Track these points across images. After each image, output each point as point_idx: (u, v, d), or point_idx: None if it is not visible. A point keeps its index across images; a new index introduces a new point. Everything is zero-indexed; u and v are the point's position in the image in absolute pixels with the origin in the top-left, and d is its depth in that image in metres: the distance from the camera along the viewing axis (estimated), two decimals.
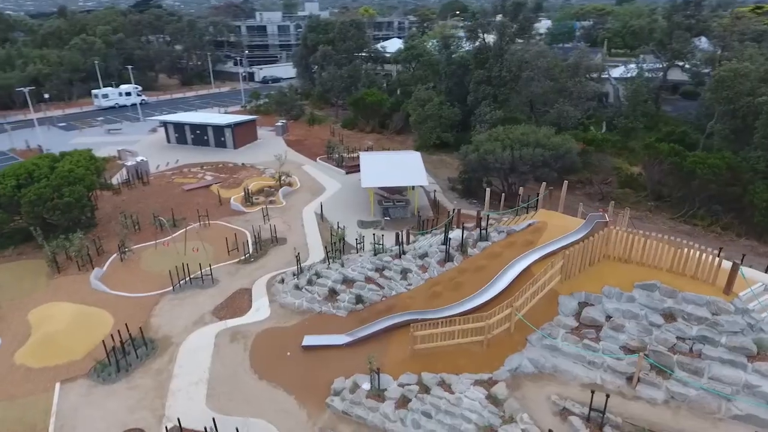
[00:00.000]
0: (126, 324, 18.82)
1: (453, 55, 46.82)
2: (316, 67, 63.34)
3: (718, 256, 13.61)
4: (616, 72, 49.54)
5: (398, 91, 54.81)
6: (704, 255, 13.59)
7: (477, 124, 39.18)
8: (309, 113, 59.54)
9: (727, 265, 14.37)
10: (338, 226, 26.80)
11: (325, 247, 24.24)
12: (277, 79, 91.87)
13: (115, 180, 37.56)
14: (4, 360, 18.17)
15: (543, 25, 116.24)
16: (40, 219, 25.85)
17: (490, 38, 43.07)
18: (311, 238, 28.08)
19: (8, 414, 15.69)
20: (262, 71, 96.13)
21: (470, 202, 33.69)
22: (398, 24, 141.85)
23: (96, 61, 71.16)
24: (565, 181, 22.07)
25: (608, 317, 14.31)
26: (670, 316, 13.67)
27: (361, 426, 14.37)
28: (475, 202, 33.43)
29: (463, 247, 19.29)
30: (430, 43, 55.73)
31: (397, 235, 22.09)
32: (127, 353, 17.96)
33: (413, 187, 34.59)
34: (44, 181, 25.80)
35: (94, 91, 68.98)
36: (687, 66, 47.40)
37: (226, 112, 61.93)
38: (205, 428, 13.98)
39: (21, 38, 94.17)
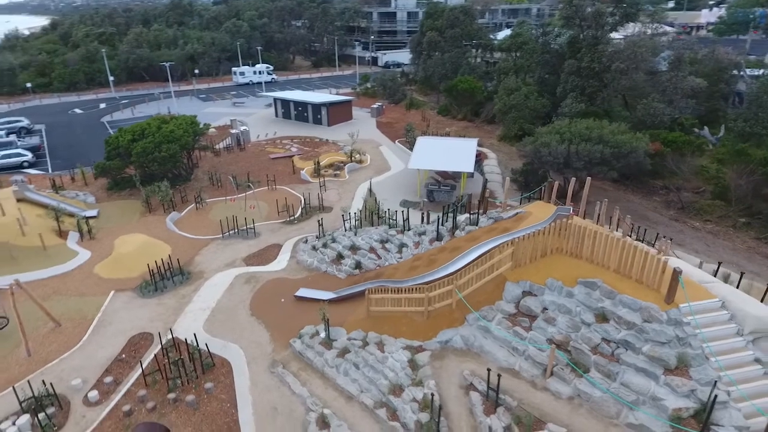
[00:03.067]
0: (169, 255, 23.12)
1: (551, 44, 44.71)
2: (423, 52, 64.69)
3: (718, 267, 12.58)
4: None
5: (496, 80, 53.75)
6: (649, 259, 12.74)
7: (556, 116, 37.39)
8: (409, 98, 61.46)
9: (700, 273, 13.38)
10: (376, 201, 28.59)
11: (342, 216, 26.26)
12: (398, 65, 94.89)
13: (222, 144, 43.94)
14: (87, 269, 23.69)
15: (714, 13, 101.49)
16: (145, 168, 32.03)
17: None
18: (355, 209, 30.26)
19: (75, 305, 20.74)
20: (386, 56, 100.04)
21: (525, 195, 32.78)
22: (537, 11, 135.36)
23: (238, 43, 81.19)
24: (588, 178, 20.95)
25: (544, 309, 14.19)
26: (602, 317, 13.16)
27: (307, 366, 16.33)
28: (533, 196, 32.46)
29: (454, 229, 19.88)
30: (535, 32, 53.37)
31: (403, 213, 23.23)
32: (166, 279, 22.18)
33: (473, 174, 34.91)
34: (150, 138, 31.77)
35: (233, 69, 79.11)
36: None
37: (337, 93, 66.85)
38: (185, 339, 17.21)
39: (192, 22, 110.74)
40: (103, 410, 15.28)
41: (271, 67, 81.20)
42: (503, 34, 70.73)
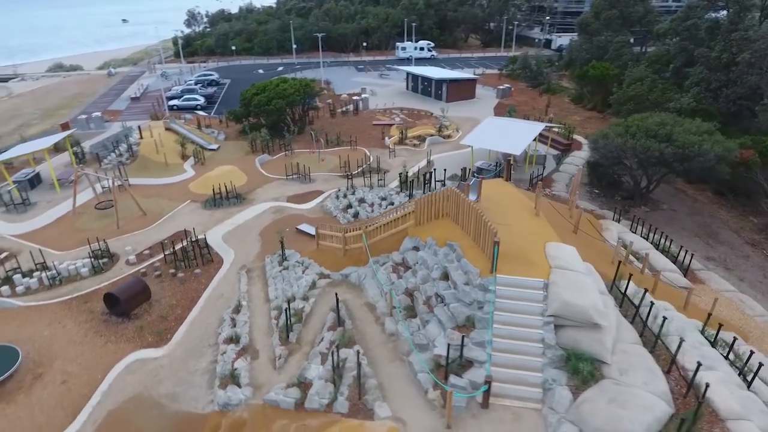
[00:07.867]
0: (231, 184, 29.54)
1: (698, 30, 38.67)
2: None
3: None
4: None
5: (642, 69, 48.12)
6: (486, 230, 13.34)
7: (659, 110, 33.17)
8: (547, 82, 58.88)
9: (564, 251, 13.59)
10: (418, 171, 30.78)
11: (364, 175, 29.11)
12: None
13: (342, 108, 49.94)
14: (185, 184, 31.74)
15: None
16: (260, 118, 39.51)
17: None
18: (411, 174, 32.69)
19: (162, 205, 28.54)
20: (560, 39, 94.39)
21: (588, 189, 30.76)
22: None
23: (406, 20, 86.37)
24: (582, 167, 20.23)
25: (416, 262, 15.70)
26: (445, 275, 14.29)
27: (262, 274, 20.55)
28: (597, 192, 30.35)
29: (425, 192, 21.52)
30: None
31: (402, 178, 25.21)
32: (224, 198, 28.60)
33: (544, 159, 34.04)
34: (266, 93, 38.97)
35: (397, 44, 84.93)
36: None
37: (482, 73, 67.46)
38: (198, 238, 23.06)
39: None
40: (133, 268, 22.03)
41: (432, 44, 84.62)
42: None
